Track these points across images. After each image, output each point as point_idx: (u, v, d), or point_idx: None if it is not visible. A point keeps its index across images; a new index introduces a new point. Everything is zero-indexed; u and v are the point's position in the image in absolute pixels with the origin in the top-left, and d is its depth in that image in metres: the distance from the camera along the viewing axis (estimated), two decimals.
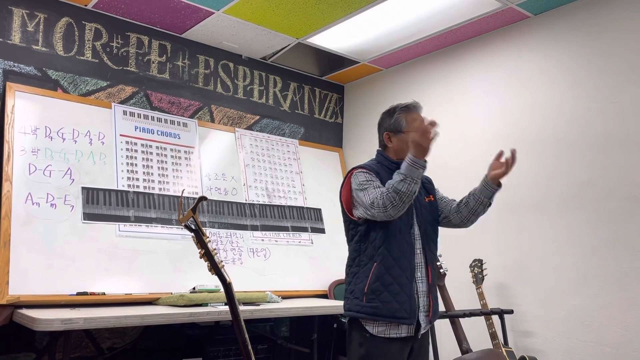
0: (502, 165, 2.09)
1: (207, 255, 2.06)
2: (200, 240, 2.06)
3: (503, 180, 2.12)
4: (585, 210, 2.82)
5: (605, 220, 2.74)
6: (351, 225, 2.16)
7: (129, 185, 3.10)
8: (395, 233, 2.05)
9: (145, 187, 3.16)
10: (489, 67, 3.38)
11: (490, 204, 2.15)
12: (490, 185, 2.10)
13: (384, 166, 2.15)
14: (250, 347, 2.08)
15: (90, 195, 2.95)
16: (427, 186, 2.26)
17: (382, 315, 2.00)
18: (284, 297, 3.30)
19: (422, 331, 2.09)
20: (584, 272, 2.78)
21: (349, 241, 2.18)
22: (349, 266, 2.16)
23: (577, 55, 2.95)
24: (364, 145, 4.18)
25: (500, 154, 2.12)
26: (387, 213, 1.96)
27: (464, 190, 3.34)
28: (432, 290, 2.11)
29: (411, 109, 2.16)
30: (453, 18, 3.23)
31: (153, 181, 3.21)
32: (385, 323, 2.02)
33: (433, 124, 1.88)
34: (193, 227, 2.05)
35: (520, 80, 3.20)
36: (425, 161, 1.94)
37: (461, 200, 2.21)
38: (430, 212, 2.19)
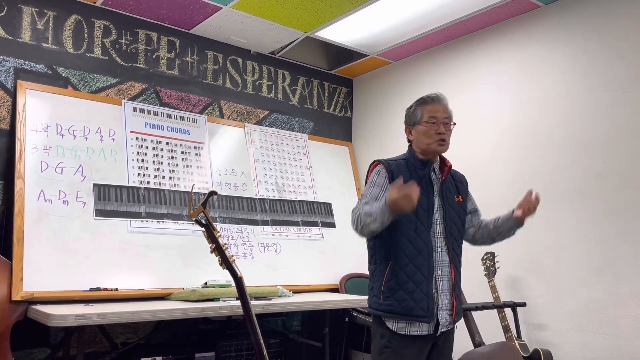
0: (528, 207, 2.11)
1: (218, 249, 2.06)
2: (210, 235, 2.06)
3: (513, 175, 2.11)
4: (598, 201, 2.79)
5: (619, 212, 2.70)
6: None
7: (139, 182, 3.12)
8: (408, 231, 2.04)
9: (156, 183, 3.18)
10: (499, 59, 3.34)
11: (511, 235, 2.20)
12: (513, 219, 2.14)
13: (409, 162, 2.15)
14: (262, 341, 2.08)
15: (102, 192, 2.96)
16: (459, 186, 2.24)
17: (399, 313, 2.01)
18: (296, 292, 3.31)
19: (442, 329, 2.08)
20: (598, 264, 2.75)
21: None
22: (369, 263, 2.18)
23: (589, 45, 2.91)
24: (374, 139, 4.17)
25: (530, 193, 2.13)
26: (353, 228, 2.05)
27: (473, 184, 3.32)
28: (455, 289, 2.10)
29: (428, 101, 2.16)
30: (463, 9, 3.20)
31: (163, 177, 3.23)
32: (405, 320, 2.02)
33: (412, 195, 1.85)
34: (203, 221, 2.06)
35: (531, 71, 3.16)
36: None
37: (485, 221, 2.25)
38: (457, 212, 2.17)
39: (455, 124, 2.18)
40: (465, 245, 2.27)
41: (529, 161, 3.11)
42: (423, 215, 2.07)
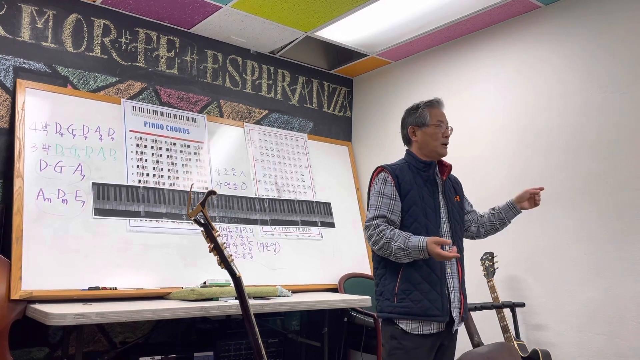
0: (532, 199, 2.26)
1: (217, 249, 2.06)
2: (209, 235, 2.06)
3: (512, 174, 2.13)
4: (597, 202, 2.79)
5: (617, 212, 2.70)
6: None
7: (139, 181, 3.12)
8: (420, 231, 2.06)
9: (155, 183, 3.18)
10: (499, 59, 3.34)
11: (509, 224, 2.34)
12: (517, 210, 2.27)
13: (411, 166, 2.18)
14: (261, 341, 2.08)
15: (101, 191, 2.96)
16: (456, 187, 2.31)
17: (415, 314, 2.03)
18: (294, 291, 3.30)
19: (456, 327, 2.12)
20: (596, 264, 2.75)
21: None
22: (375, 268, 2.19)
23: (588, 46, 2.91)
24: (374, 139, 4.17)
25: (540, 190, 2.27)
26: (370, 244, 2.11)
27: (472, 184, 3.33)
28: (462, 287, 2.15)
29: (435, 104, 2.22)
30: (463, 9, 3.20)
31: (163, 176, 3.23)
32: (419, 320, 2.04)
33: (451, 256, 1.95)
34: (202, 221, 2.05)
35: (530, 71, 3.16)
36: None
37: (482, 215, 2.34)
38: (458, 212, 2.24)
39: (452, 129, 2.24)
40: (465, 244, 2.30)
41: (527, 161, 3.11)
42: (432, 216, 2.11)
